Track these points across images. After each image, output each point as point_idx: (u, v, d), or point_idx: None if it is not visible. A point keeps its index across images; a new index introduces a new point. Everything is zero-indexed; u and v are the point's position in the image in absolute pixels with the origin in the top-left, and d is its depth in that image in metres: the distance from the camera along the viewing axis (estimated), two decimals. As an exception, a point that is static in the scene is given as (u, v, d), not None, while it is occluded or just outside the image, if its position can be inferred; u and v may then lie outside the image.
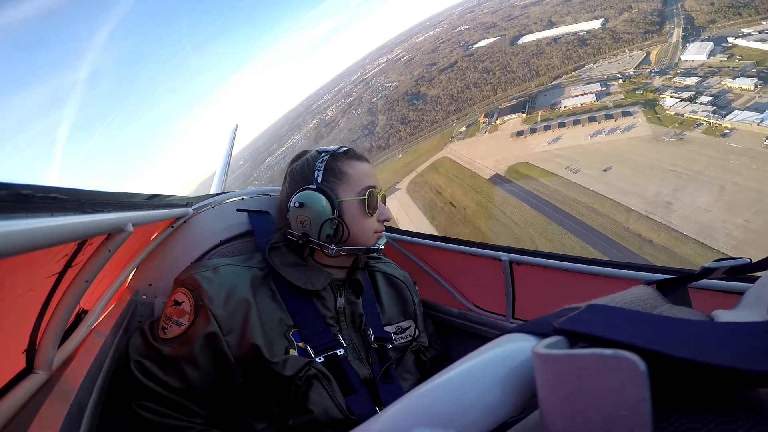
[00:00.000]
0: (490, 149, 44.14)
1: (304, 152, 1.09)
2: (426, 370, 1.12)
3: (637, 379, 0.19)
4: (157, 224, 1.05)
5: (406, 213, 40.49)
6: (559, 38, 64.46)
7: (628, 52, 54.04)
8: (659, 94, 38.87)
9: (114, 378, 0.83)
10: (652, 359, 0.19)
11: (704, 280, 0.51)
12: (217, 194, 1.30)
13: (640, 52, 52.47)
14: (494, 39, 77.24)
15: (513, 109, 50.39)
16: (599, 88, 45.26)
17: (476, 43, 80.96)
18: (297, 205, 0.97)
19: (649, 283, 0.43)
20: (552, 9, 76.89)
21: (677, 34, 50.71)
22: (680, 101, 36.12)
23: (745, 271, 0.49)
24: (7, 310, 0.49)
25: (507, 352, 0.25)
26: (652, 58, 49.20)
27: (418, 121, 64.56)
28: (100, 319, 0.89)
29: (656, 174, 29.09)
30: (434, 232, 34.79)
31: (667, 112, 35.30)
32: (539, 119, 44.77)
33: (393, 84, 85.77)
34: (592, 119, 39.22)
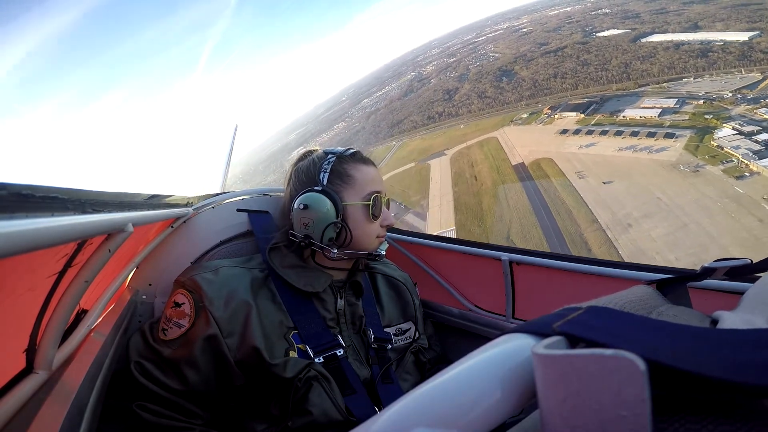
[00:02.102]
0: (532, 140, 46.53)
1: (310, 152, 1.08)
2: (425, 372, 1.12)
3: (637, 380, 0.19)
4: (157, 224, 1.05)
5: (440, 173, 46.52)
6: (683, 45, 58.78)
7: (744, 72, 48.31)
8: (724, 123, 36.87)
9: (114, 378, 0.83)
10: (654, 364, 0.19)
11: (705, 281, 0.51)
12: (217, 194, 1.31)
13: (757, 74, 46.76)
14: (621, 31, 72.35)
15: (576, 108, 50.63)
16: (672, 105, 43.32)
17: (601, 31, 76.35)
18: (301, 207, 0.96)
19: (649, 282, 0.43)
20: (714, 11, 68.01)
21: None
22: (736, 134, 34.51)
23: (746, 272, 0.49)
24: (7, 309, 0.49)
25: (507, 352, 0.25)
26: (766, 83, 44.11)
27: (493, 98, 66.74)
28: (100, 319, 0.89)
29: (643, 197, 30.54)
30: (450, 194, 40.88)
31: (711, 142, 34.30)
32: (592, 123, 45.17)
33: (496, 55, 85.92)
34: (634, 133, 39.20)
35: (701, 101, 42.91)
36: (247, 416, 0.89)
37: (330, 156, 1.02)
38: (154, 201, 0.84)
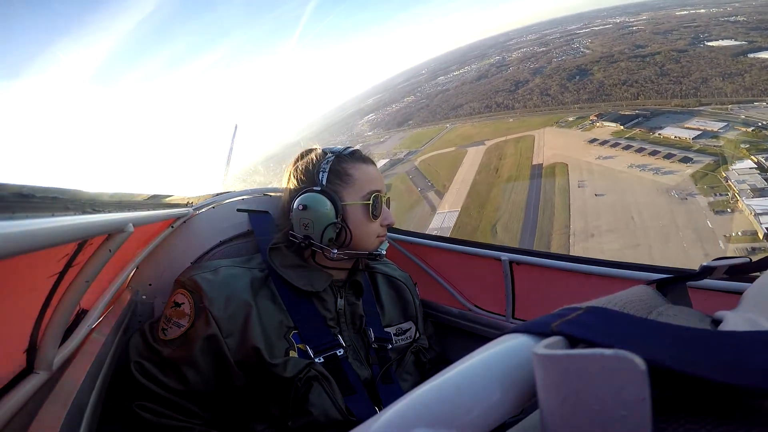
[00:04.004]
0: (562, 144, 48.69)
1: (309, 150, 1.07)
2: (425, 372, 1.12)
3: (637, 379, 0.19)
4: (157, 224, 1.05)
5: (471, 161, 51.58)
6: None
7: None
8: (752, 155, 36.08)
9: (114, 378, 0.84)
10: (654, 366, 0.19)
11: (704, 280, 0.51)
12: (217, 194, 1.31)
13: None
14: (734, 43, 66.20)
15: (619, 119, 50.80)
16: (716, 129, 42.14)
17: (713, 40, 69.97)
18: (300, 207, 0.96)
19: (648, 282, 0.43)
20: None
21: None
22: (753, 167, 34.17)
23: (745, 270, 0.49)
24: (8, 310, 0.50)
25: (507, 351, 0.26)
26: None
27: (553, 97, 67.14)
28: (100, 319, 0.89)
29: (620, 213, 33.04)
30: (470, 181, 46.33)
31: (723, 173, 34.45)
32: (625, 136, 45.83)
33: (586, 51, 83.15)
34: (654, 153, 39.87)
35: (750, 128, 41.08)
36: (247, 416, 0.89)
37: (329, 155, 1.02)
38: (154, 201, 0.86)
